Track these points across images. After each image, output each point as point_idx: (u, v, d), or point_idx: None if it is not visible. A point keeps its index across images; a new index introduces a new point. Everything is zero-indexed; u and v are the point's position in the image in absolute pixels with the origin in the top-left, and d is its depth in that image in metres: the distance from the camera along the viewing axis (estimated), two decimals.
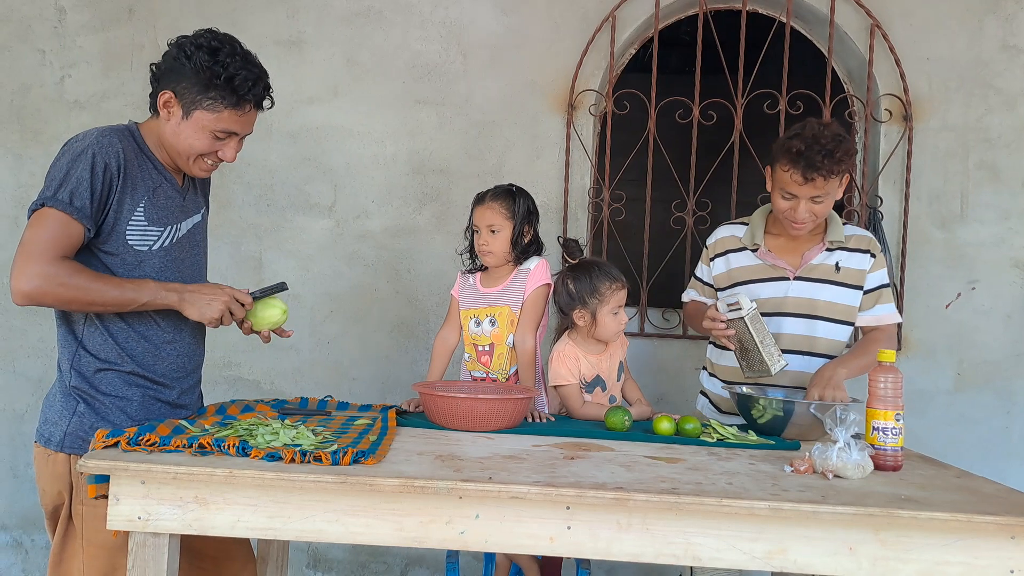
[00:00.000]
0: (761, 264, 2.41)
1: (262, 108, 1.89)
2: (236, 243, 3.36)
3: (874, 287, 2.37)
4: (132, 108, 3.26)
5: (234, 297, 1.87)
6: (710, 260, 2.51)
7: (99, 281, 1.75)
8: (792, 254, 2.39)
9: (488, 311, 2.39)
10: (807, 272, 2.36)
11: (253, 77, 1.82)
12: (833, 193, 2.24)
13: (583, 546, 1.52)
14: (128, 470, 1.52)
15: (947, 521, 1.46)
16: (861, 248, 2.37)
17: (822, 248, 2.36)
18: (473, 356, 2.42)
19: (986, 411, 3.25)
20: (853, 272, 2.35)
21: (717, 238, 2.52)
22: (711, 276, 2.51)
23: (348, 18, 3.35)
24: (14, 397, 3.38)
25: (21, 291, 1.70)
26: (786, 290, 2.36)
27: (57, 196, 1.72)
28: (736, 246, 2.47)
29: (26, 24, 3.35)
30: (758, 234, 2.43)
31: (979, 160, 3.25)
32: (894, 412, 1.80)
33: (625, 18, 3.30)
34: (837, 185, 2.24)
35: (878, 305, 2.37)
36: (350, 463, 1.57)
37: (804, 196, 2.23)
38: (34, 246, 1.71)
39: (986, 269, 3.25)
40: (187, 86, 1.80)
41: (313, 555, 3.38)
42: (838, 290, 2.35)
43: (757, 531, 1.50)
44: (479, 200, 2.42)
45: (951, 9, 3.25)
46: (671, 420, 2.04)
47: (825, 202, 2.25)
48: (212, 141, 1.85)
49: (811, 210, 2.25)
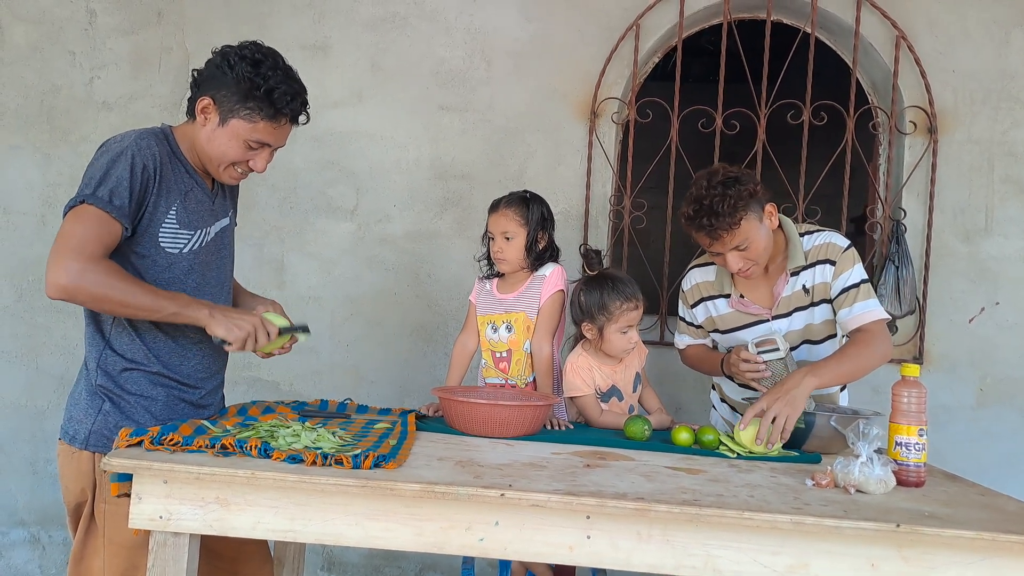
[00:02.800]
0: (737, 312, 2.35)
1: (297, 123, 1.92)
2: (259, 245, 3.38)
3: (843, 289, 2.22)
4: (159, 110, 3.30)
5: (263, 323, 1.87)
6: (691, 307, 2.44)
7: (134, 285, 1.75)
8: (763, 293, 2.32)
9: (504, 317, 2.40)
10: (781, 308, 2.29)
11: (292, 92, 1.85)
12: (754, 234, 2.15)
13: (602, 556, 1.52)
14: (151, 469, 1.54)
15: (972, 540, 1.45)
16: (821, 259, 2.25)
17: (787, 277, 2.28)
18: (490, 362, 2.42)
19: (1009, 427, 3.22)
20: (819, 288, 2.26)
21: (691, 284, 2.44)
22: (699, 321, 2.44)
23: (373, 24, 3.37)
24: (37, 394, 3.42)
25: (58, 284, 1.68)
26: (768, 330, 2.30)
27: (97, 194, 1.73)
28: (711, 292, 2.39)
29: (58, 26, 3.40)
30: (726, 282, 2.35)
31: (1004, 174, 3.22)
32: (917, 427, 1.78)
33: (649, 27, 3.31)
34: (755, 224, 2.14)
35: (856, 304, 2.20)
36: (371, 467, 1.57)
37: (726, 251, 2.17)
38: (74, 240, 1.70)
39: (1010, 284, 3.22)
40: (227, 94, 1.82)
41: (328, 558, 3.39)
42: (815, 311, 2.28)
43: (778, 545, 1.49)
44: (493, 207, 2.43)
45: (977, 21, 3.22)
46: (690, 431, 2.03)
47: (752, 246, 2.16)
48: (245, 150, 1.87)
49: (742, 258, 2.18)
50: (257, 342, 1.85)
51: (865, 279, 2.24)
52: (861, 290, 2.21)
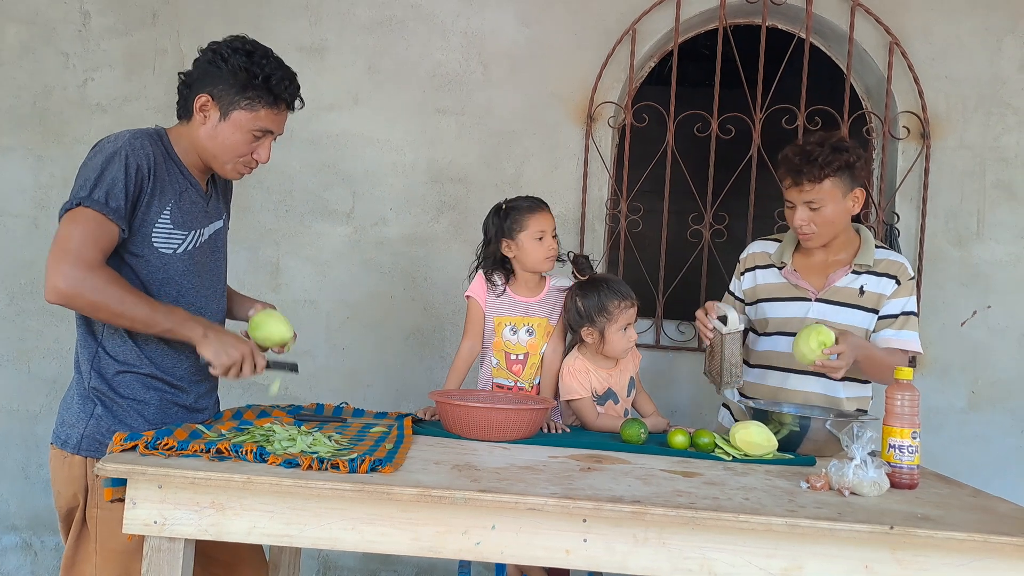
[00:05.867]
0: (785, 283, 2.39)
1: (293, 108, 1.94)
2: (254, 248, 3.38)
3: (894, 313, 2.29)
4: (153, 112, 3.29)
5: (252, 355, 1.88)
6: (741, 274, 2.50)
7: (132, 296, 1.74)
8: (817, 275, 2.37)
9: (525, 320, 2.38)
10: (830, 294, 2.33)
11: (289, 77, 1.90)
12: (830, 200, 2.22)
13: (599, 559, 1.52)
14: (146, 474, 1.53)
15: (964, 541, 1.46)
16: (889, 273, 2.31)
17: (848, 271, 2.33)
18: (503, 363, 2.39)
19: (1000, 430, 3.24)
20: (874, 296, 2.31)
21: (749, 252, 2.51)
22: (741, 290, 2.50)
23: (370, 27, 3.37)
24: (28, 398, 3.40)
25: (58, 289, 1.68)
26: (807, 311, 2.33)
27: (93, 196, 1.72)
28: (764, 262, 2.46)
29: (51, 27, 3.39)
30: (787, 253, 2.42)
31: (996, 179, 3.25)
32: (911, 430, 1.79)
33: (645, 31, 3.32)
34: (838, 193, 2.22)
35: (904, 330, 2.29)
36: (367, 471, 1.57)
37: (798, 202, 2.24)
38: (72, 244, 1.69)
39: (1002, 288, 3.24)
40: (224, 88, 1.84)
41: (324, 562, 3.38)
42: (860, 314, 2.31)
43: (773, 547, 1.50)
44: (538, 207, 2.37)
45: (970, 28, 3.25)
46: (686, 434, 2.03)
47: (823, 210, 2.22)
48: (250, 141, 1.89)
49: (810, 218, 2.24)
50: (242, 372, 1.85)
51: (917, 312, 2.35)
52: (911, 320, 2.31)
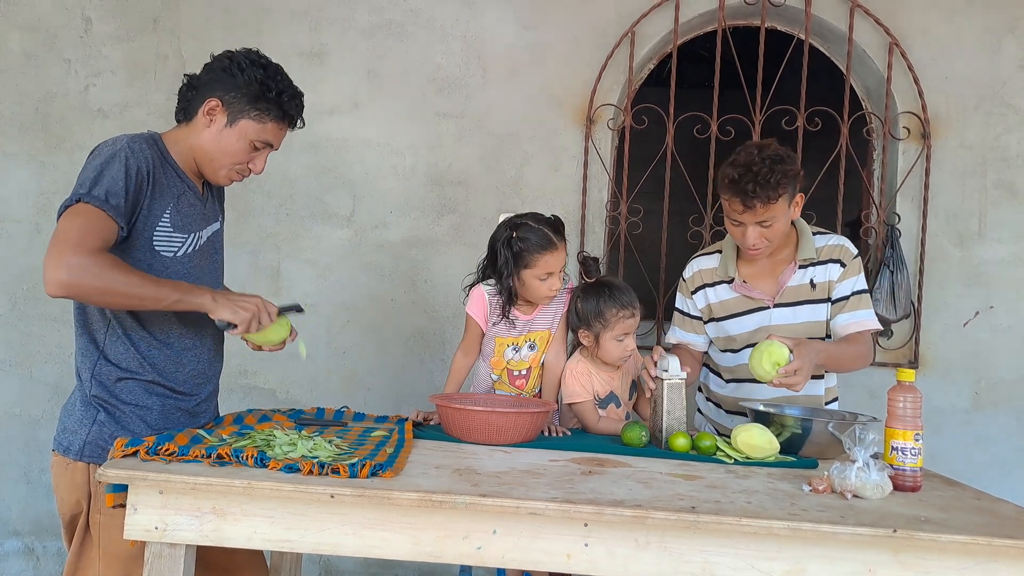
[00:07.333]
0: (739, 297, 2.36)
1: (294, 127, 1.98)
2: (255, 252, 3.38)
3: (845, 295, 2.28)
4: (155, 117, 3.30)
5: (264, 305, 1.90)
6: (691, 294, 2.45)
7: (135, 275, 1.72)
8: (768, 280, 2.34)
9: (527, 337, 2.35)
10: (785, 297, 2.31)
11: (298, 96, 1.95)
12: (781, 215, 2.19)
13: (600, 564, 1.51)
14: (147, 480, 1.53)
15: (967, 544, 1.45)
16: (832, 258, 2.30)
17: (795, 268, 2.31)
18: (505, 379, 2.37)
19: (1004, 430, 3.23)
20: (824, 285, 2.30)
21: (694, 271, 2.45)
22: (697, 309, 2.44)
23: (370, 31, 3.38)
24: (30, 403, 3.41)
25: (59, 280, 1.64)
26: (768, 319, 2.32)
27: (92, 193, 1.71)
28: (713, 279, 2.41)
29: (53, 33, 3.39)
30: (731, 266, 2.37)
31: (997, 179, 3.24)
32: (913, 432, 1.78)
33: (644, 34, 3.32)
34: (785, 207, 2.19)
35: (859, 311, 2.27)
36: (368, 476, 1.57)
37: (749, 223, 2.19)
38: (70, 235, 1.66)
39: (1003, 287, 3.24)
40: (236, 96, 1.86)
41: (325, 567, 3.38)
42: (818, 308, 2.30)
43: (776, 551, 1.49)
44: (549, 246, 2.22)
45: (970, 28, 3.24)
46: (687, 436, 2.03)
47: (775, 225, 2.19)
48: (249, 151, 1.91)
49: (761, 235, 2.20)
50: (260, 323, 1.87)
51: (867, 289, 2.31)
52: (863, 299, 2.29)
